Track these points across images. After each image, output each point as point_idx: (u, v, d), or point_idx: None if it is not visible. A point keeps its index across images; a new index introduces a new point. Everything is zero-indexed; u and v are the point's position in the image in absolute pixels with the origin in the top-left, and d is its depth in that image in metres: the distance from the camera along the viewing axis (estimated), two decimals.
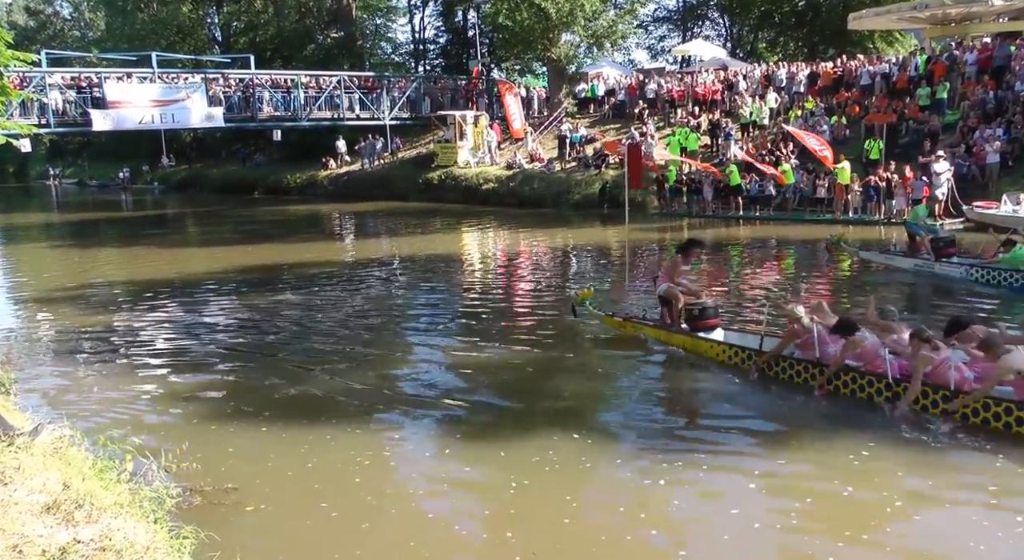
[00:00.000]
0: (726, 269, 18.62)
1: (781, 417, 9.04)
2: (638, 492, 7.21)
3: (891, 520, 6.58)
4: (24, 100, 30.17)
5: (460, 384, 10.56)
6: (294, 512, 6.98)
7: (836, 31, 41.85)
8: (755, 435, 8.47)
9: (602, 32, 38.25)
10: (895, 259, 16.93)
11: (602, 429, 8.81)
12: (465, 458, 8.03)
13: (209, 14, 60.03)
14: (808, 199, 25.52)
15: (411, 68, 56.42)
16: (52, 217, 44.13)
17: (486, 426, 9.01)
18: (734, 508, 6.83)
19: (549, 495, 7.18)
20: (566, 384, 10.42)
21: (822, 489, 7.16)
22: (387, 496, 7.29)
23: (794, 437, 8.38)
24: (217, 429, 9.03)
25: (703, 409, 9.68)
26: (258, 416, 9.31)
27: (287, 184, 46.31)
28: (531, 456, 7.88)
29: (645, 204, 29.21)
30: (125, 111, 34.29)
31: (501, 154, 38.47)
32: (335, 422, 9.04)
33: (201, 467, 7.67)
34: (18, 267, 23.87)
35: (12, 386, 9.47)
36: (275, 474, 7.72)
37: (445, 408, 9.62)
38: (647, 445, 8.23)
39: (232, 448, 8.40)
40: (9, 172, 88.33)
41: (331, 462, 8.00)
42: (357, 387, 10.38)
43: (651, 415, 9.33)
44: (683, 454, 7.94)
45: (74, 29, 78.14)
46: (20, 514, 4.74)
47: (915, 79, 28.60)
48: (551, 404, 9.64)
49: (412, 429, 8.92)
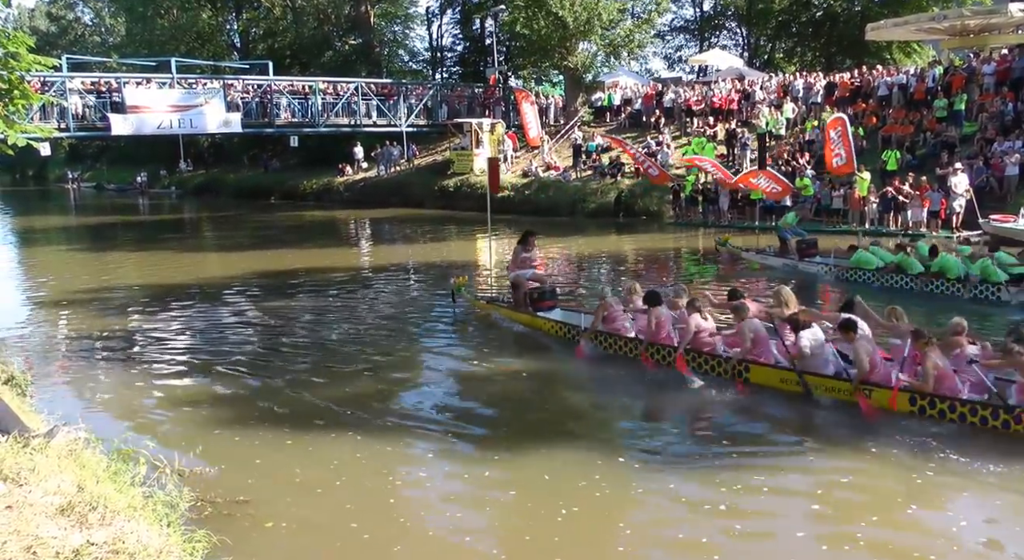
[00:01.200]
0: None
1: (766, 419, 9.10)
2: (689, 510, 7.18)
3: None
4: (45, 104, 30.44)
5: (490, 396, 10.46)
6: (318, 528, 6.88)
7: (853, 42, 41.80)
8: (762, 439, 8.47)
9: (619, 41, 38.33)
10: (769, 259, 19.26)
11: (649, 449, 8.49)
12: (508, 482, 7.71)
13: (228, 20, 60.38)
14: (825, 209, 25.41)
15: (428, 75, 56.60)
16: (70, 220, 44.45)
17: (527, 444, 8.67)
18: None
19: (596, 520, 6.98)
20: (601, 397, 10.38)
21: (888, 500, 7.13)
22: (421, 518, 7.07)
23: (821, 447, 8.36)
24: (233, 436, 9.04)
25: (720, 422, 9.64)
26: (280, 426, 9.22)
27: (303, 190, 46.49)
28: (578, 479, 7.59)
29: (660, 213, 29.18)
30: (144, 116, 34.53)
31: (517, 162, 38.50)
32: (363, 436, 8.85)
33: (222, 477, 7.71)
34: (36, 270, 24.02)
35: (29, 388, 9.52)
36: (302, 489, 7.63)
37: (479, 422, 9.51)
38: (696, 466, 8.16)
39: (258, 459, 8.33)
40: (29, 175, 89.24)
41: (362, 478, 7.81)
42: (382, 398, 10.34)
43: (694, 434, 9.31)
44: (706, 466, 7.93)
45: (95, 34, 78.83)
46: (35, 516, 4.77)
47: (933, 90, 28.45)
48: (593, 421, 9.51)
49: (448, 445, 8.70)
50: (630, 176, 32.16)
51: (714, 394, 9.93)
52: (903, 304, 10.82)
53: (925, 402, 8.55)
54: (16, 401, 7.64)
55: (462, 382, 11.07)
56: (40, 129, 15.75)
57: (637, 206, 30.43)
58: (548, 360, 11.96)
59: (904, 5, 40.18)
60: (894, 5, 40.43)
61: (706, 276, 19.00)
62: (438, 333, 14.08)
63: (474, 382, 11.00)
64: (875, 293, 14.93)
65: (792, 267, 18.35)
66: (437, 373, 11.58)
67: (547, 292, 13.61)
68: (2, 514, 4.76)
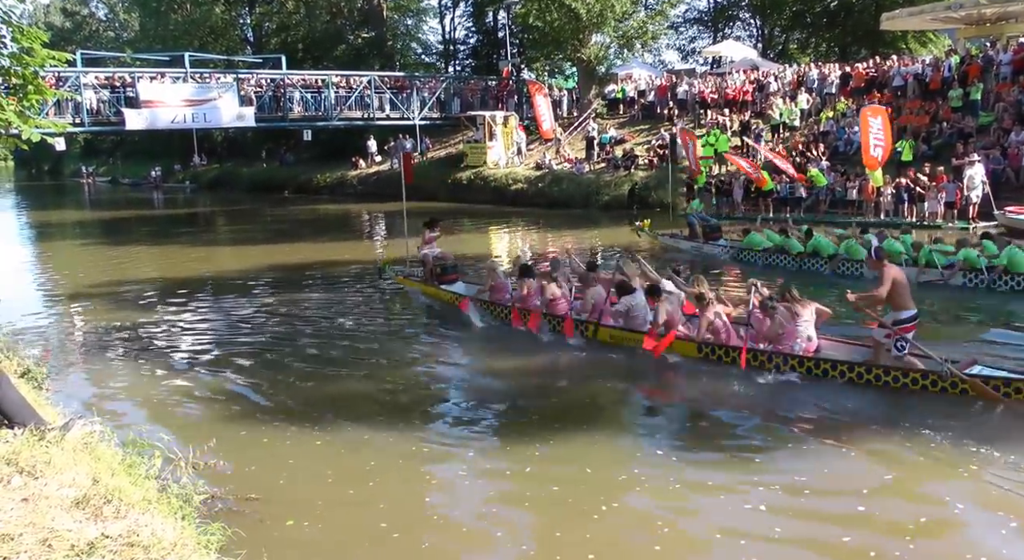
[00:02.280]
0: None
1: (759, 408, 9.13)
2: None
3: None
4: (59, 99, 30.55)
5: (512, 389, 10.46)
6: (333, 523, 6.87)
7: (868, 31, 41.43)
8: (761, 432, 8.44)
9: (632, 33, 38.16)
10: (680, 242, 21.37)
11: (690, 446, 8.36)
12: (542, 477, 7.62)
13: (241, 15, 60.46)
14: (840, 201, 25.25)
15: (441, 68, 56.54)
16: (85, 214, 44.65)
17: (554, 436, 8.60)
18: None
19: (632, 517, 6.90)
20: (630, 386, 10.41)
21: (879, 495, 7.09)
22: (445, 515, 7.01)
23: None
24: (247, 430, 9.09)
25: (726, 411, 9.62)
26: (295, 420, 9.23)
27: (317, 183, 46.58)
28: (618, 474, 7.57)
29: (675, 206, 29.10)
30: (158, 110, 34.61)
31: (530, 155, 38.47)
32: (381, 430, 8.84)
33: (237, 471, 7.75)
34: (52, 263, 24.15)
35: (45, 381, 9.57)
36: (318, 483, 7.63)
37: (503, 416, 9.46)
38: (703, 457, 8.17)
39: (273, 453, 8.39)
40: (44, 170, 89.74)
41: (382, 473, 7.78)
42: (396, 392, 10.35)
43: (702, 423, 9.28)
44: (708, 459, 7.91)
45: (109, 30, 79.05)
46: (50, 508, 4.78)
47: (948, 80, 28.23)
48: (620, 412, 9.54)
49: (470, 439, 8.68)
50: (644, 168, 32.07)
51: (737, 387, 9.94)
52: (786, 278, 14.13)
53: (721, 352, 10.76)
54: (32, 394, 7.67)
55: (484, 375, 11.11)
56: (55, 124, 15.85)
57: (651, 198, 30.36)
58: (570, 354, 11.95)
59: None
60: None
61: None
62: (457, 326, 14.04)
63: (496, 376, 11.01)
64: (762, 270, 17.64)
65: (698, 249, 20.73)
66: (458, 366, 11.65)
67: (449, 267, 15.88)
68: (18, 506, 4.78)
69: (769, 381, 9.97)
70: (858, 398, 9.33)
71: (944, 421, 8.45)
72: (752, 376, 10.12)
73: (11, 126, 9.21)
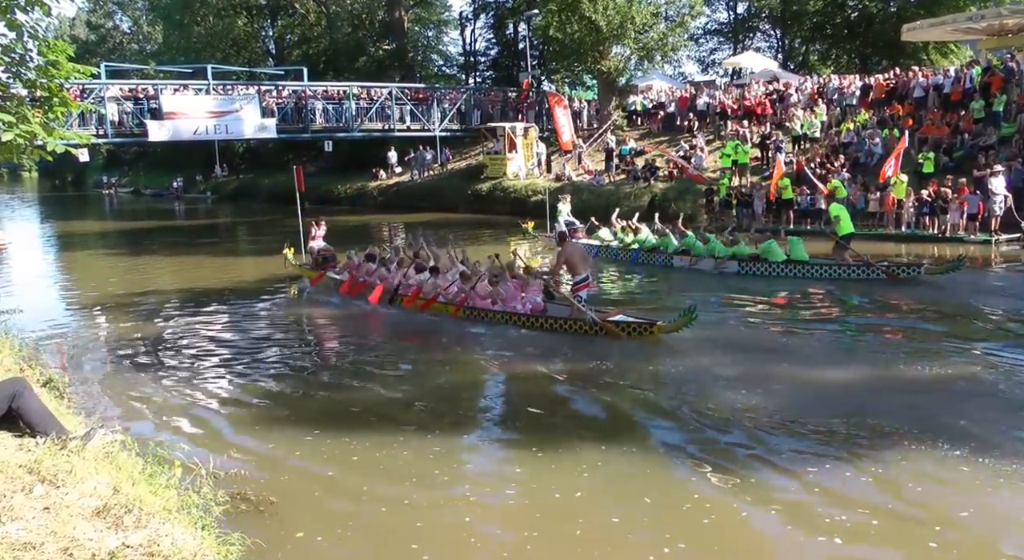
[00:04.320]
0: None
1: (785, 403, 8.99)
2: None
3: None
4: (83, 111, 30.85)
5: (529, 397, 10.43)
6: (351, 534, 6.86)
7: (889, 42, 41.27)
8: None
9: (653, 45, 38.12)
10: (552, 240, 23.40)
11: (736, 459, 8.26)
12: (558, 487, 7.52)
13: (264, 27, 61.00)
14: (860, 213, 25.09)
15: (462, 80, 56.76)
16: (107, 225, 45.02)
17: (573, 446, 8.55)
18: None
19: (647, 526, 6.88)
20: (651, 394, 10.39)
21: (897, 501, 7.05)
22: (464, 526, 6.93)
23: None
24: (268, 440, 9.10)
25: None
26: (317, 430, 9.20)
27: (337, 194, 46.75)
28: (677, 500, 7.33)
29: (694, 217, 29.02)
30: (180, 122, 34.92)
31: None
32: (403, 441, 8.81)
33: (256, 481, 7.75)
34: (73, 273, 24.36)
35: (66, 389, 9.64)
36: (337, 494, 7.64)
37: (521, 427, 9.41)
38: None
39: (293, 463, 8.38)
40: (67, 181, 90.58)
41: (402, 485, 7.73)
42: (418, 402, 10.31)
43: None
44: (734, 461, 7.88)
45: (133, 42, 79.92)
46: (71, 517, 4.82)
47: (970, 91, 28.05)
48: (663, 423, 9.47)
49: (490, 449, 8.69)
50: (664, 180, 32.02)
51: (744, 394, 9.91)
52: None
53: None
54: (54, 403, 7.73)
55: (502, 383, 11.08)
56: (79, 136, 15.93)
57: (671, 210, 30.26)
58: (589, 356, 11.92)
59: (941, 5, 39.69)
60: (931, 5, 39.93)
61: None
62: (476, 336, 14.05)
63: (514, 383, 10.99)
64: (601, 261, 21.64)
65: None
66: (477, 375, 11.59)
67: (329, 257, 19.66)
68: (40, 515, 4.81)
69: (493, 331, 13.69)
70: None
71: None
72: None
73: (36, 138, 9.30)
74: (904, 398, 9.62)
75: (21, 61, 9.41)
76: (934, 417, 8.90)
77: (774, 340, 12.93)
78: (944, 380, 10.34)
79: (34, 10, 9.12)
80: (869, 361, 11.43)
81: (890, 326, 13.95)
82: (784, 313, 15.32)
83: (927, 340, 12.53)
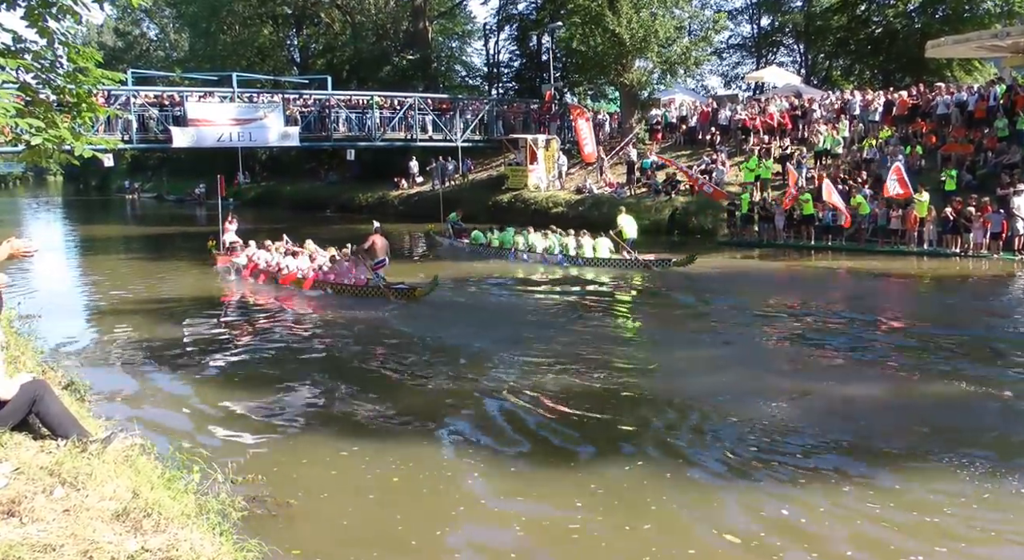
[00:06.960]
0: None
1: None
2: None
3: None
4: (110, 116, 31.14)
5: (552, 407, 10.39)
6: (369, 540, 6.88)
7: (913, 59, 40.96)
8: None
9: (676, 58, 38.06)
10: (445, 241, 29.99)
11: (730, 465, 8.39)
12: (572, 494, 7.58)
13: (288, 36, 61.36)
14: (882, 230, 24.97)
15: (484, 91, 56.89)
16: (130, 229, 45.34)
17: (586, 453, 8.64)
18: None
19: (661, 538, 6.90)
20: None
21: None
22: (477, 534, 7.04)
23: None
24: (286, 445, 9.14)
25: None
26: (334, 436, 9.30)
27: (359, 202, 46.92)
28: (646, 493, 7.51)
29: (715, 231, 28.96)
30: (205, 129, 35.21)
31: (571, 178, 38.50)
32: (420, 449, 8.84)
33: (274, 486, 7.78)
34: (95, 277, 24.50)
35: (87, 393, 9.71)
36: (353, 499, 7.69)
37: (536, 437, 9.40)
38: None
39: (310, 469, 8.42)
40: (91, 185, 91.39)
41: (417, 492, 7.78)
42: (436, 409, 10.36)
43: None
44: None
45: (159, 50, 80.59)
46: (91, 520, 4.85)
47: (994, 109, 27.83)
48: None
49: (504, 458, 8.68)
50: (685, 194, 31.95)
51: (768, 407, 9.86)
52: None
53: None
54: (75, 406, 7.78)
55: (514, 395, 11.03)
56: (105, 141, 16.11)
57: (691, 224, 30.22)
58: (603, 360, 11.88)
59: (965, 22, 39.44)
60: (955, 22, 39.66)
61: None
62: (489, 341, 14.02)
63: (525, 395, 10.95)
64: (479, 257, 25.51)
65: (452, 244, 29.26)
66: (493, 383, 11.57)
67: (237, 247, 24.00)
68: (60, 517, 4.85)
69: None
70: None
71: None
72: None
73: (64, 142, 9.40)
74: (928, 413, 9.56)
75: (51, 67, 9.51)
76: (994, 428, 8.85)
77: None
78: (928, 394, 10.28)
79: (65, 18, 9.22)
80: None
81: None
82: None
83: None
